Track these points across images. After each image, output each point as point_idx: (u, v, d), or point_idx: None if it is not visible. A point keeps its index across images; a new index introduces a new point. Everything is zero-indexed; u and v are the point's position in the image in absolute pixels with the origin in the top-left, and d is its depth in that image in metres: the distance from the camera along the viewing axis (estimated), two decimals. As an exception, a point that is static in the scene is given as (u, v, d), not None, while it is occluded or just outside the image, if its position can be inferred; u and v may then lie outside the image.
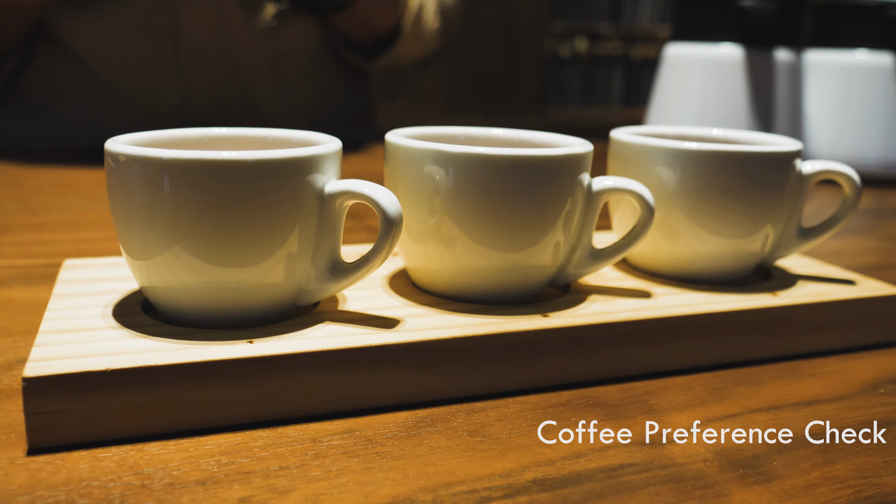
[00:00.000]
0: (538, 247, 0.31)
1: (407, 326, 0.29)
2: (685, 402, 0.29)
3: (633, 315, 0.31)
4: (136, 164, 0.27)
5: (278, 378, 0.26)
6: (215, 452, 0.24)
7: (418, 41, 0.90)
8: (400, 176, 0.31)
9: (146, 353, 0.25)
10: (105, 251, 0.46)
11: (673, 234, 0.35)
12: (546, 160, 0.30)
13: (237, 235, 0.27)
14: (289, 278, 0.29)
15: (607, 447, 0.26)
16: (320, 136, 0.31)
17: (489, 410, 0.28)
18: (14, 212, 0.56)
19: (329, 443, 0.25)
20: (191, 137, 0.32)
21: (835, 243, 0.55)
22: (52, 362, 0.25)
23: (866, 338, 0.35)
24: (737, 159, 0.34)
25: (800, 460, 0.26)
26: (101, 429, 0.25)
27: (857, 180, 0.37)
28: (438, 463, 0.24)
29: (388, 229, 0.28)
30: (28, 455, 0.24)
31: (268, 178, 0.27)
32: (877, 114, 0.78)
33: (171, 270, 0.28)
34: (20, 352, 0.31)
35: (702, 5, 0.76)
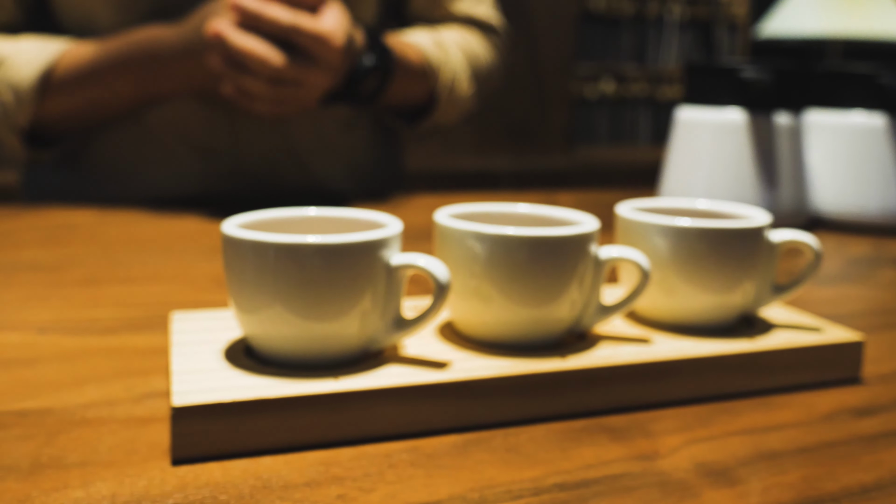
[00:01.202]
0: (558, 304, 0.39)
1: (455, 367, 0.37)
2: (676, 428, 0.37)
3: (636, 358, 0.39)
4: (248, 245, 0.35)
5: (358, 407, 0.34)
6: (314, 463, 0.32)
7: (454, 107, 0.98)
8: (447, 248, 0.40)
9: (260, 388, 0.34)
10: (190, 303, 0.55)
11: (668, 291, 0.43)
12: (563, 239, 0.38)
13: (324, 298, 0.35)
14: (362, 330, 0.37)
15: (611, 461, 0.33)
16: (386, 218, 0.40)
17: (521, 434, 0.36)
18: (99, 266, 0.64)
19: (399, 457, 0.33)
20: (286, 218, 0.41)
21: (827, 291, 0.63)
22: (191, 395, 0.33)
23: (830, 375, 0.43)
24: (717, 233, 0.42)
25: (760, 470, 0.33)
26: (227, 446, 0.33)
27: (815, 247, 0.44)
28: (483, 472, 0.32)
29: (441, 293, 0.36)
30: (173, 465, 0.32)
31: (349, 255, 0.35)
32: (874, 168, 0.85)
33: (272, 323, 0.36)
34: (145, 387, 0.40)
35: (709, 74, 0.84)
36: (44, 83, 0.81)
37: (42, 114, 0.84)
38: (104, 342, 0.46)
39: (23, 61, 0.81)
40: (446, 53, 0.95)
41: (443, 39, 0.96)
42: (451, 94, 0.97)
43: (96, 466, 0.32)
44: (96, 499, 0.29)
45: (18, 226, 0.77)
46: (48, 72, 0.81)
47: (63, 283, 0.58)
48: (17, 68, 0.81)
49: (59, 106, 0.83)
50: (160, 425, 0.35)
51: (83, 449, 0.33)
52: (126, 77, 0.82)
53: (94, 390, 0.39)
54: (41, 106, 0.83)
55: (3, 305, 0.53)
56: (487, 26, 1.04)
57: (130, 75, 0.82)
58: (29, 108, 0.82)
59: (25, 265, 0.63)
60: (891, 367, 0.46)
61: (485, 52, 1.02)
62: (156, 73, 0.82)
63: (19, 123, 0.83)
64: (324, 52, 0.75)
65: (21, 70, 0.81)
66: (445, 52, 0.95)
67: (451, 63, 0.96)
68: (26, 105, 0.81)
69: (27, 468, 0.32)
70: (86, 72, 0.82)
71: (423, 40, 0.94)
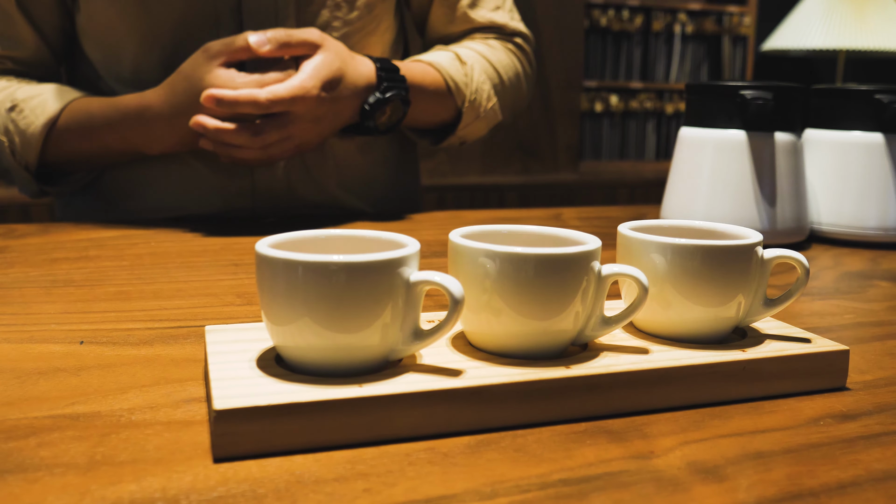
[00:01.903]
0: (562, 317, 0.42)
1: (468, 375, 0.40)
2: (670, 431, 0.40)
3: (634, 367, 0.42)
4: (280, 263, 0.39)
5: (381, 411, 0.38)
6: (341, 461, 0.36)
7: (479, 121, 1.01)
8: (460, 266, 0.43)
9: (291, 393, 0.37)
10: (216, 315, 0.58)
11: (666, 305, 0.47)
12: (567, 257, 0.41)
13: (349, 311, 0.39)
14: (383, 341, 0.40)
15: (611, 460, 0.37)
16: (404, 238, 0.43)
17: (528, 435, 0.39)
18: (129, 281, 0.68)
19: (417, 456, 0.37)
20: (313, 238, 0.44)
21: (821, 304, 0.66)
22: (230, 400, 0.36)
23: (817, 384, 0.46)
24: (711, 251, 0.45)
25: (746, 468, 0.36)
26: (262, 445, 0.36)
27: (805, 263, 0.48)
28: (494, 469, 0.35)
29: (455, 307, 0.39)
30: (214, 463, 0.36)
31: (372, 273, 0.39)
32: (872, 185, 0.88)
33: (301, 335, 0.39)
34: (183, 394, 0.43)
35: (710, 95, 0.88)
36: (47, 132, 0.89)
37: (47, 157, 0.92)
38: (141, 353, 0.50)
39: (31, 109, 0.89)
40: (467, 69, 0.98)
41: (463, 55, 0.99)
42: (476, 108, 0.99)
43: (146, 464, 0.35)
44: (149, 492, 0.33)
45: (48, 243, 0.81)
46: (52, 122, 0.89)
47: (97, 297, 0.62)
48: (27, 116, 0.89)
49: (61, 153, 0.91)
50: (200, 427, 0.39)
51: (132, 448, 0.37)
52: (115, 137, 0.89)
53: (137, 396, 0.43)
54: (46, 151, 0.91)
55: (45, 318, 0.56)
56: (509, 32, 1.06)
57: (118, 136, 0.89)
58: (34, 153, 0.90)
59: (61, 281, 0.66)
60: (875, 375, 0.49)
61: (507, 61, 1.04)
62: (143, 133, 0.88)
63: (28, 162, 0.91)
64: (301, 108, 0.82)
65: (30, 118, 0.89)
66: (466, 68, 0.98)
67: (473, 78, 0.98)
68: (33, 149, 0.89)
69: (84, 465, 0.35)
70: (82, 125, 0.89)
71: (443, 59, 0.97)
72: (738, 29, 2.73)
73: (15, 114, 0.89)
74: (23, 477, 0.34)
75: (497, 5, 1.05)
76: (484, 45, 1.03)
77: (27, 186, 0.95)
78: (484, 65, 1.00)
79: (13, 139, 0.89)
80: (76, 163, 0.94)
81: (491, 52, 1.02)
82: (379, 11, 0.97)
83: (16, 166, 0.91)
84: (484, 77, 1.00)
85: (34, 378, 0.45)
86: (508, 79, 1.04)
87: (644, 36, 2.64)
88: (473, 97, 0.98)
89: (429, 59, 0.97)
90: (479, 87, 0.99)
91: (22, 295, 0.62)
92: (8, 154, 0.90)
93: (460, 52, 1.00)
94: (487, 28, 1.05)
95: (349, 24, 0.94)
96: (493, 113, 1.02)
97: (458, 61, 0.98)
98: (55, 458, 0.36)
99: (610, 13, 2.55)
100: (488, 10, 1.04)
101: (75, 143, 0.90)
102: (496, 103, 1.02)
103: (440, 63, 0.96)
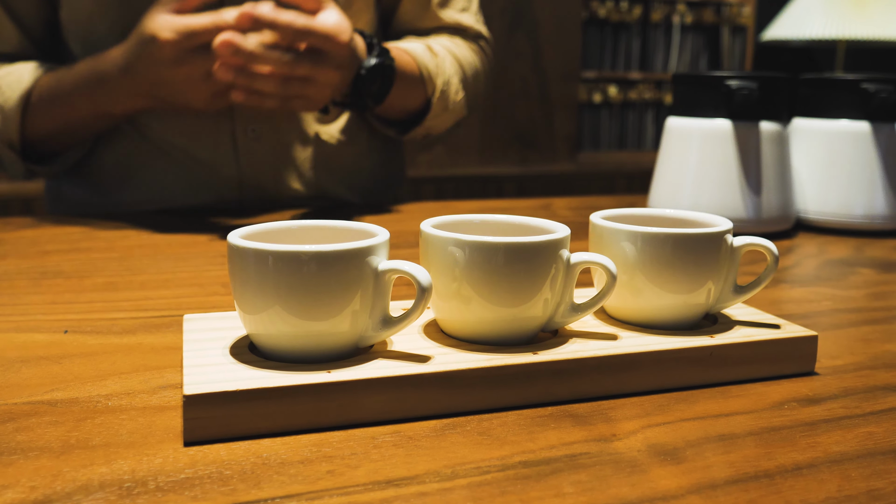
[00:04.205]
0: (531, 304, 0.43)
1: (437, 361, 0.41)
2: (635, 415, 0.41)
3: (601, 352, 0.43)
4: (250, 253, 0.40)
5: (348, 396, 0.39)
6: (307, 445, 0.37)
7: (446, 113, 1.03)
8: (430, 254, 0.44)
9: (260, 379, 0.38)
10: (200, 305, 0.59)
11: (636, 292, 0.47)
12: (535, 245, 0.42)
13: (318, 299, 0.40)
14: (353, 328, 0.41)
15: (572, 443, 0.37)
16: (374, 228, 0.44)
17: (493, 419, 0.40)
18: (118, 272, 0.69)
19: (383, 439, 0.37)
20: (284, 229, 0.45)
21: (800, 290, 0.66)
22: (200, 385, 0.37)
23: (785, 369, 0.47)
24: (679, 238, 0.46)
25: (706, 451, 0.37)
26: (232, 429, 0.37)
27: (773, 250, 0.48)
28: (457, 451, 0.36)
29: (422, 295, 0.40)
30: (185, 447, 0.37)
31: (340, 262, 0.39)
32: (859, 173, 0.89)
33: (272, 323, 0.40)
34: (160, 381, 0.44)
35: (696, 85, 0.88)
36: (24, 104, 0.89)
37: (28, 131, 0.91)
38: (123, 341, 0.51)
39: (8, 85, 0.89)
40: (439, 60, 0.99)
41: (434, 47, 1.01)
42: (445, 100, 1.01)
43: (118, 447, 0.36)
44: (118, 474, 0.34)
45: (42, 235, 0.82)
46: (27, 94, 0.89)
47: (85, 288, 0.63)
48: (4, 92, 0.89)
49: (40, 124, 0.90)
50: (173, 413, 0.40)
51: (106, 433, 0.38)
52: (82, 96, 0.87)
53: (115, 383, 0.44)
54: (25, 124, 0.90)
55: (33, 308, 0.57)
56: (474, 33, 1.09)
57: (88, 94, 0.87)
58: (15, 126, 0.89)
59: (51, 272, 0.67)
60: (846, 360, 0.50)
61: (473, 59, 1.07)
62: (105, 90, 0.86)
63: (11, 139, 0.90)
64: (333, 48, 0.79)
65: (6, 93, 0.89)
66: (438, 59, 0.99)
67: (444, 69, 1.00)
68: (12, 123, 0.89)
69: (58, 449, 0.36)
70: (54, 93, 0.88)
71: (416, 47, 0.98)
72: (737, 19, 2.73)
73: None
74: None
75: (464, 7, 1.08)
76: (451, 42, 1.05)
77: (14, 167, 0.94)
78: (452, 59, 1.02)
79: None
80: (57, 136, 0.93)
81: (458, 49, 1.05)
82: (360, 6, 0.98)
83: (1, 146, 0.91)
84: (453, 70, 1.01)
85: (17, 366, 0.46)
86: (473, 76, 1.07)
87: (643, 26, 2.63)
88: (444, 88, 0.99)
89: (403, 46, 0.98)
90: (448, 80, 1.00)
91: (11, 286, 0.63)
92: None
93: (431, 44, 1.01)
94: (453, 28, 1.08)
95: None
96: (460, 106, 1.04)
97: (429, 52, 1.00)
98: (30, 442, 0.37)
99: (608, 4, 2.55)
100: (456, 11, 1.07)
101: (51, 112, 0.89)
102: (463, 97, 1.04)
103: (413, 50, 0.98)
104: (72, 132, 0.93)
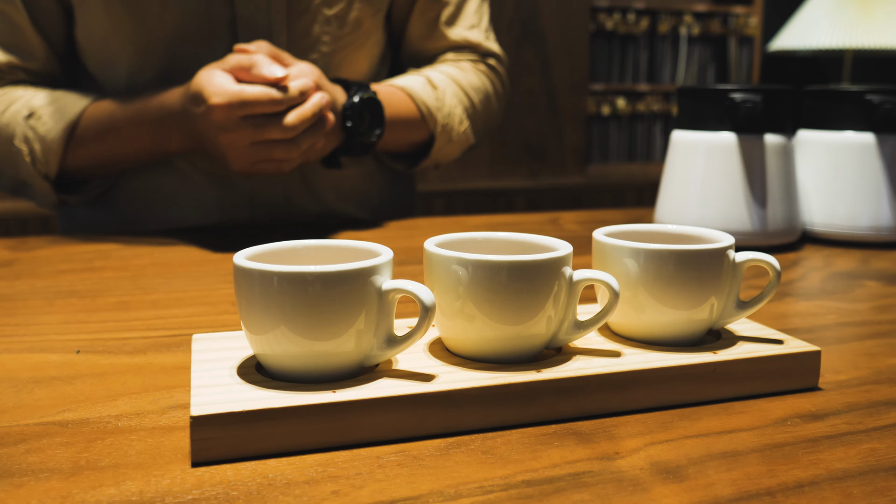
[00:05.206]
0: (534, 321, 0.44)
1: (441, 380, 0.42)
2: (638, 432, 0.41)
3: (604, 370, 0.43)
4: (256, 273, 0.40)
5: (353, 416, 0.39)
6: (313, 465, 0.37)
7: (451, 144, 1.03)
8: (434, 273, 0.44)
9: (266, 399, 0.39)
10: (210, 324, 0.60)
11: (639, 308, 0.48)
12: (537, 263, 0.43)
13: (323, 319, 0.40)
14: (358, 348, 0.42)
15: (575, 461, 0.38)
16: (378, 247, 0.44)
17: (497, 438, 0.40)
18: (130, 292, 0.70)
19: (388, 459, 0.38)
20: (289, 249, 0.46)
21: (805, 304, 0.66)
22: (207, 406, 0.38)
23: (789, 384, 0.47)
24: (681, 255, 0.46)
25: (708, 469, 0.37)
26: (238, 449, 0.38)
27: (776, 265, 0.48)
28: (460, 471, 0.37)
29: (426, 314, 0.41)
30: (192, 467, 0.37)
31: (345, 282, 0.40)
32: (864, 185, 0.89)
33: (277, 343, 0.41)
34: (170, 401, 0.45)
35: (700, 98, 0.89)
36: (68, 136, 0.89)
37: (67, 163, 0.91)
38: (134, 361, 0.51)
39: (51, 115, 0.89)
40: (439, 93, 1.00)
41: (434, 79, 1.01)
42: (449, 132, 1.02)
43: (127, 468, 0.37)
44: (127, 495, 0.35)
45: (56, 255, 0.83)
46: (73, 126, 0.89)
47: (98, 307, 0.64)
48: (46, 121, 0.89)
49: (82, 157, 0.91)
50: (182, 433, 0.41)
51: (116, 454, 0.38)
52: (139, 132, 0.88)
53: (125, 403, 0.44)
54: (66, 157, 0.90)
55: (46, 328, 0.58)
56: (483, 51, 1.09)
57: (144, 131, 0.88)
58: (55, 159, 0.89)
59: (64, 291, 0.68)
60: (849, 375, 0.50)
61: (478, 83, 1.07)
62: (161, 128, 0.87)
63: (48, 171, 0.90)
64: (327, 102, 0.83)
65: (49, 123, 0.89)
66: (438, 92, 1.00)
67: (445, 102, 1.00)
68: (53, 155, 0.89)
69: (68, 470, 0.37)
70: (104, 126, 0.89)
71: (415, 84, 0.99)
72: (744, 30, 2.73)
73: (34, 120, 0.89)
74: (9, 482, 0.36)
75: (473, 24, 1.08)
76: (454, 69, 1.05)
77: (46, 197, 0.95)
78: (455, 89, 1.03)
79: (33, 147, 0.89)
80: (95, 168, 0.94)
81: (462, 76, 1.05)
82: (368, 27, 0.99)
83: (35, 176, 0.91)
84: (455, 101, 1.02)
85: (29, 387, 0.47)
86: (480, 101, 1.07)
87: (650, 38, 2.64)
88: (446, 121, 1.00)
89: (400, 83, 0.99)
90: (451, 112, 1.01)
91: (26, 306, 0.64)
92: (27, 164, 0.90)
93: (431, 76, 1.02)
94: (462, 46, 1.07)
95: (339, 40, 0.96)
96: (465, 136, 1.05)
97: (429, 86, 1.00)
98: (41, 463, 0.37)
99: (616, 16, 2.56)
100: (464, 29, 1.07)
101: (96, 144, 0.90)
102: (468, 126, 1.04)
103: (412, 88, 0.98)
104: (115, 164, 0.94)
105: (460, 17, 1.06)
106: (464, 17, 1.07)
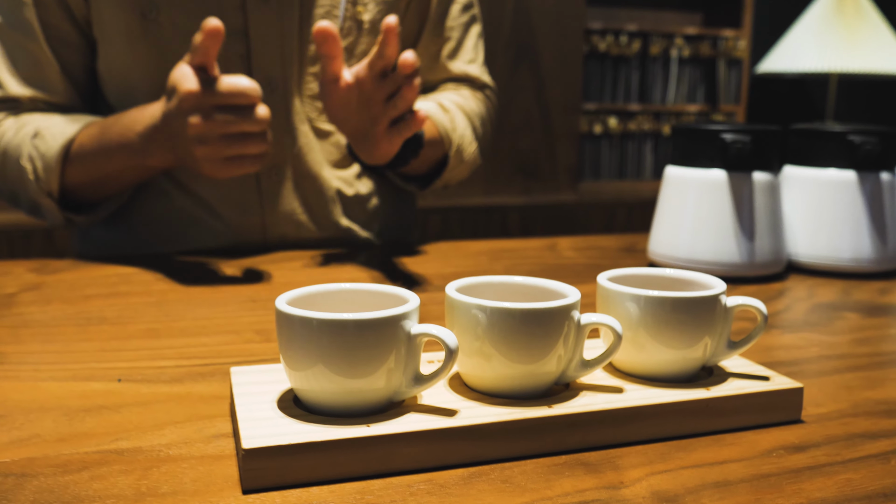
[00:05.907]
0: (546, 361, 0.48)
1: (463, 415, 0.46)
2: (639, 462, 0.46)
3: (609, 405, 0.48)
4: (297, 319, 0.45)
5: (386, 448, 0.44)
6: (352, 492, 0.42)
7: (462, 165, 1.09)
8: (455, 316, 0.49)
9: (309, 433, 0.43)
10: (239, 353, 0.64)
11: (640, 347, 0.52)
12: (549, 310, 0.47)
13: (358, 360, 0.45)
14: (388, 385, 0.46)
15: (585, 490, 0.42)
16: (406, 293, 0.49)
17: (514, 468, 0.45)
18: (157, 319, 0.74)
19: (418, 487, 0.42)
20: (325, 292, 0.50)
21: (789, 337, 0.71)
22: (256, 439, 0.42)
23: (775, 417, 0.52)
24: (678, 301, 0.51)
25: (703, 497, 0.42)
26: (284, 478, 0.42)
27: (763, 310, 0.53)
28: (484, 499, 0.41)
29: (450, 356, 0.45)
30: (244, 494, 0.42)
31: (378, 327, 0.44)
32: (846, 219, 0.94)
33: (315, 379, 0.45)
34: (213, 430, 0.49)
35: (693, 137, 0.94)
36: (66, 154, 0.93)
37: (67, 181, 0.95)
38: (174, 390, 0.56)
39: (51, 134, 0.93)
40: (451, 115, 1.06)
41: (445, 103, 1.07)
42: (461, 153, 1.07)
43: (185, 495, 0.41)
44: (190, 520, 0.39)
45: (81, 279, 0.87)
46: (69, 143, 0.93)
47: (130, 335, 0.68)
48: (47, 140, 0.93)
49: (79, 174, 0.95)
50: (229, 461, 0.45)
51: (172, 481, 0.43)
52: (121, 148, 0.90)
53: (172, 432, 0.49)
54: (65, 174, 0.94)
55: (85, 356, 0.62)
56: (480, 83, 1.16)
57: (124, 146, 0.90)
58: (55, 176, 0.94)
59: (95, 318, 0.73)
60: (829, 408, 0.55)
61: (480, 108, 1.14)
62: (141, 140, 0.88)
63: (50, 189, 0.95)
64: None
65: (49, 142, 0.93)
66: (450, 115, 1.06)
67: (457, 124, 1.06)
68: (53, 173, 0.93)
69: (132, 497, 0.41)
70: (95, 143, 0.92)
71: (430, 108, 1.05)
72: (733, 52, 2.79)
73: (37, 140, 0.93)
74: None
75: (471, 58, 1.15)
76: (457, 95, 1.12)
77: (53, 215, 0.98)
78: (462, 113, 1.09)
79: (36, 165, 0.93)
80: (94, 186, 0.97)
81: (465, 102, 1.11)
82: None
83: (40, 194, 0.95)
84: (465, 123, 1.08)
85: (80, 415, 0.51)
86: (481, 125, 1.14)
87: (642, 60, 2.70)
88: (459, 142, 1.06)
89: (416, 106, 1.03)
90: (462, 133, 1.07)
91: (62, 333, 0.68)
92: (32, 182, 0.94)
93: (441, 100, 1.08)
94: (461, 79, 1.15)
95: None
96: (474, 157, 1.11)
97: (441, 109, 1.06)
98: (106, 490, 0.42)
99: (609, 38, 2.62)
100: (464, 63, 1.14)
101: (89, 163, 0.93)
102: (476, 147, 1.11)
103: (427, 110, 1.04)
104: (108, 182, 0.97)
105: (460, 52, 1.13)
106: (463, 52, 1.13)
